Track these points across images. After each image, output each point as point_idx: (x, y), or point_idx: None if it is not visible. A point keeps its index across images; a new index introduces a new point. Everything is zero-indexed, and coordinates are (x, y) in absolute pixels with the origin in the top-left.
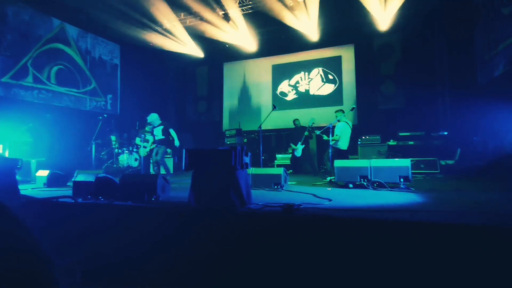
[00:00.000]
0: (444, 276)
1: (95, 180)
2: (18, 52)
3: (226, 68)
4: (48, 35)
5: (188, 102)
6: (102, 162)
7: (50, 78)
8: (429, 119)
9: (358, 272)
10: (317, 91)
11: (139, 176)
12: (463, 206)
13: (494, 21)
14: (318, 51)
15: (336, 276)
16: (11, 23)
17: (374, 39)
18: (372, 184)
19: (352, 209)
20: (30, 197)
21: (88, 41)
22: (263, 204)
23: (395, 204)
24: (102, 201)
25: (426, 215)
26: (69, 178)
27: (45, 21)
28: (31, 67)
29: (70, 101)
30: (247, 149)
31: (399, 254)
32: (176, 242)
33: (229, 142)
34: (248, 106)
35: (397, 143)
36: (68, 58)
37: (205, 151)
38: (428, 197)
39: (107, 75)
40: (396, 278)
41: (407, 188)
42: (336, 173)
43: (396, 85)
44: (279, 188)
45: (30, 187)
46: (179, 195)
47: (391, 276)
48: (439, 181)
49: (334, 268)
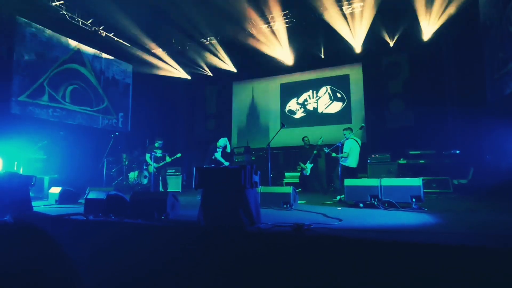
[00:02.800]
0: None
1: (106, 197)
2: (35, 72)
3: (235, 87)
4: (64, 56)
5: (197, 120)
6: (113, 179)
7: (65, 97)
8: (439, 138)
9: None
10: (325, 109)
11: (149, 194)
12: (479, 228)
13: (503, 40)
14: (326, 70)
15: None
16: (29, 44)
17: (382, 57)
18: (383, 204)
19: (363, 230)
20: (43, 214)
21: (103, 62)
22: (273, 224)
23: (407, 225)
24: (113, 218)
25: (440, 237)
26: (80, 195)
27: (62, 42)
28: (47, 86)
29: (83, 119)
30: (256, 167)
31: (412, 278)
32: (185, 261)
33: (238, 160)
34: (256, 124)
35: (407, 162)
36: (83, 77)
37: (215, 170)
38: (442, 218)
39: (119, 94)
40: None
41: (419, 208)
42: (345, 192)
43: (405, 103)
44: (288, 207)
45: (43, 204)
46: (188, 213)
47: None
48: (452, 201)
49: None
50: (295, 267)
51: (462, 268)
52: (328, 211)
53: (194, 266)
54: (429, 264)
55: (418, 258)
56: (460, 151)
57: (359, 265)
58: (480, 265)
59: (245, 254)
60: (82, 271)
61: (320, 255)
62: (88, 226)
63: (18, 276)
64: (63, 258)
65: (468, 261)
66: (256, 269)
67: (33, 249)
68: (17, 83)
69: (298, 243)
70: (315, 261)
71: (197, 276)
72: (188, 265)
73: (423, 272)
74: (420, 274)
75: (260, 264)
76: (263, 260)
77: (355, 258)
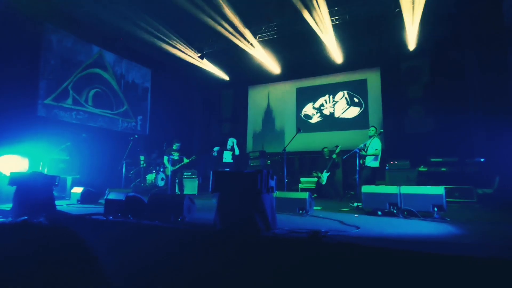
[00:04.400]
0: None
1: (125, 198)
2: (60, 76)
3: (251, 91)
4: (88, 61)
5: (212, 124)
6: (131, 181)
7: (88, 100)
8: (462, 145)
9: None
10: (342, 114)
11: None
12: (504, 240)
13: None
14: (343, 74)
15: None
16: (55, 49)
17: (401, 61)
18: (402, 212)
19: (381, 239)
20: (65, 213)
21: (123, 66)
22: (289, 230)
23: (428, 235)
24: (131, 219)
25: (465, 248)
26: (100, 195)
27: (86, 47)
28: (71, 90)
29: (104, 122)
30: (272, 172)
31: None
32: (201, 263)
33: (253, 164)
34: (271, 128)
35: (428, 169)
36: (105, 81)
37: (231, 174)
38: (465, 229)
39: (138, 98)
40: None
41: (441, 218)
42: (363, 199)
43: (425, 109)
44: (304, 213)
45: (65, 203)
46: (204, 216)
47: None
48: (476, 211)
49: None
50: (311, 274)
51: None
52: (345, 218)
53: (209, 269)
54: (450, 276)
55: (441, 270)
56: (485, 159)
57: (376, 275)
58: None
59: (261, 259)
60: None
61: (336, 263)
62: (108, 226)
63: (52, 271)
64: (92, 259)
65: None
66: (271, 275)
67: (65, 249)
68: (43, 87)
69: (314, 250)
70: (331, 269)
71: (212, 278)
72: (203, 267)
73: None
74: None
75: (275, 270)
76: (278, 266)
77: (373, 268)
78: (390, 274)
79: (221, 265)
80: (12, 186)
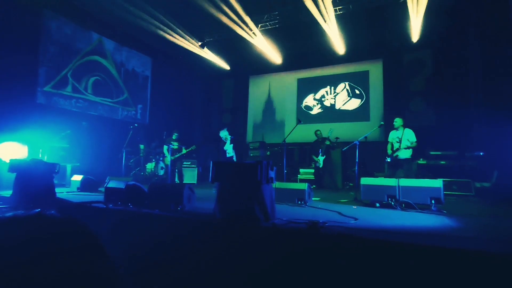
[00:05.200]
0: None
1: (125, 187)
2: (60, 64)
3: (252, 81)
4: (87, 48)
5: (213, 114)
6: (130, 169)
7: (87, 88)
8: (462, 138)
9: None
10: (342, 106)
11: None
12: (501, 234)
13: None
14: (344, 65)
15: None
16: (54, 36)
17: (404, 54)
18: (400, 205)
19: (379, 230)
20: (66, 201)
21: (123, 54)
22: (287, 220)
23: (425, 227)
24: (131, 208)
25: (461, 241)
26: (100, 183)
27: (85, 35)
28: (71, 77)
29: (104, 110)
30: (272, 163)
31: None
32: (200, 252)
33: (252, 155)
34: (272, 119)
35: (427, 162)
36: (104, 69)
37: (231, 164)
38: (462, 222)
39: (138, 86)
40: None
41: (438, 210)
42: (361, 190)
43: (426, 102)
44: (303, 204)
45: (65, 191)
46: (204, 205)
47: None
48: (474, 205)
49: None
50: (309, 264)
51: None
52: (343, 209)
53: (209, 258)
54: (446, 268)
55: (436, 262)
56: (484, 153)
57: (373, 265)
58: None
59: (260, 249)
60: None
61: (334, 253)
62: (108, 214)
63: (63, 266)
64: (103, 253)
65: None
66: (270, 264)
67: (78, 242)
68: (42, 74)
69: (312, 240)
70: (329, 259)
71: (211, 267)
72: (202, 256)
73: (440, 276)
74: (436, 279)
75: (274, 260)
76: (277, 255)
77: (370, 258)
78: (386, 265)
79: (220, 254)
80: (12, 173)
